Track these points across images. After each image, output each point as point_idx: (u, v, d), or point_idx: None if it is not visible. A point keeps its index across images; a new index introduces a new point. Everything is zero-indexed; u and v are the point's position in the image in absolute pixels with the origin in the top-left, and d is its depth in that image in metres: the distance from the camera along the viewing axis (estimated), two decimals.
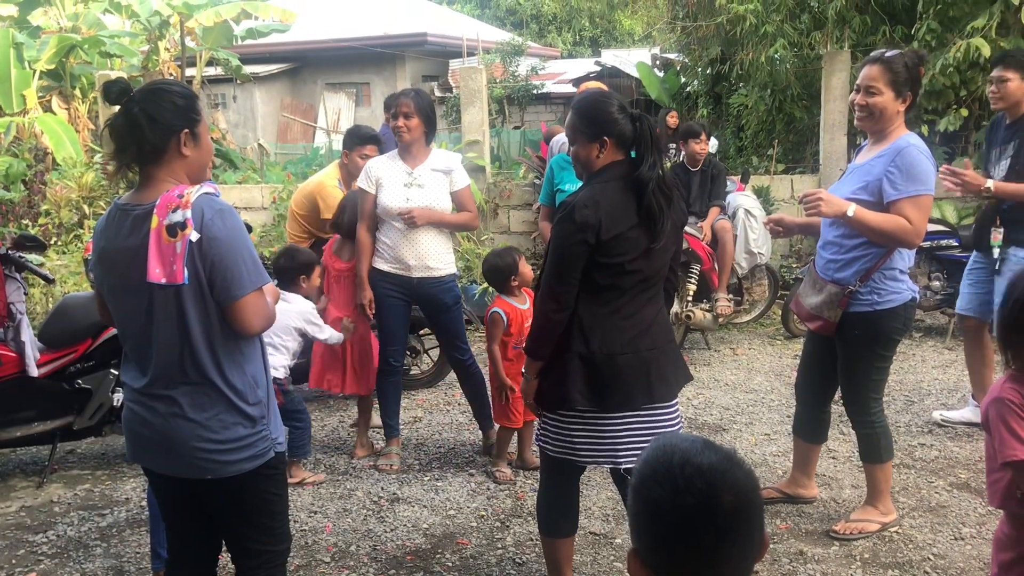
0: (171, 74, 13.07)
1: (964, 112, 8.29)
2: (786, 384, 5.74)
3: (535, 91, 18.92)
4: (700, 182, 6.53)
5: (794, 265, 8.01)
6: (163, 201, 2.33)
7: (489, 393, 4.62)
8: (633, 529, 1.37)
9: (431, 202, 4.43)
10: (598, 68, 18.46)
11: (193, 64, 13.90)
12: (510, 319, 4.37)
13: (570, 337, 2.86)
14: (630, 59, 16.67)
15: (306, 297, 4.40)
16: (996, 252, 4.51)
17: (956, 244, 6.66)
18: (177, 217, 2.30)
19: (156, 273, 2.30)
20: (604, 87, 4.01)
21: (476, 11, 30.72)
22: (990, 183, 4.33)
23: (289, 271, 4.39)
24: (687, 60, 12.94)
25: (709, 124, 12.16)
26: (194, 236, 2.30)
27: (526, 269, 4.43)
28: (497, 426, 4.57)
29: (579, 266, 2.79)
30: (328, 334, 4.41)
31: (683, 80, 13.68)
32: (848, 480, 4.31)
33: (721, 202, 6.56)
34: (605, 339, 2.85)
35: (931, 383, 5.76)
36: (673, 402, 3.00)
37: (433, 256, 4.48)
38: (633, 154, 2.88)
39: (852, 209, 3.37)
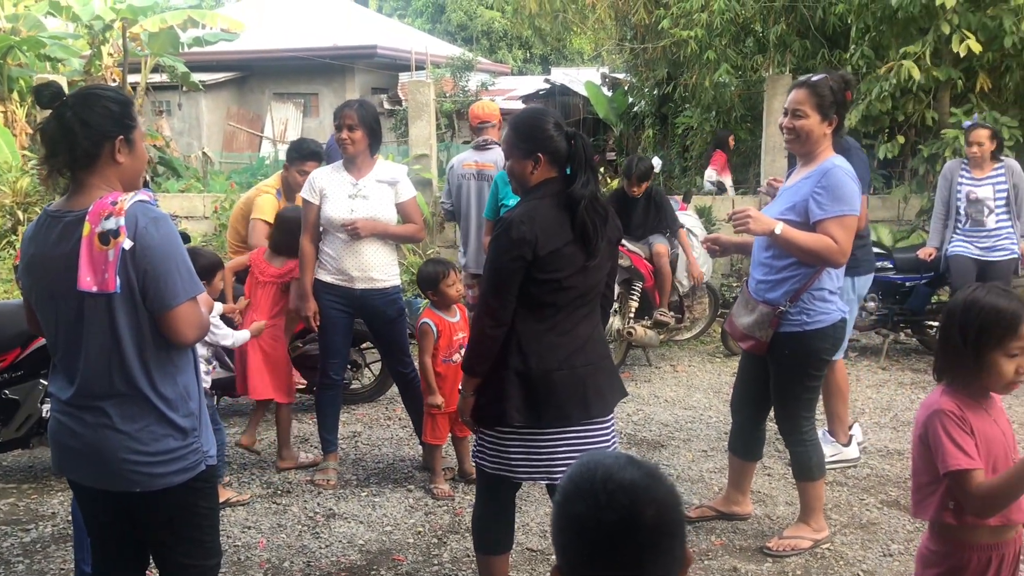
0: (114, 79, 12.86)
1: (901, 139, 8.51)
2: (724, 401, 5.80)
3: None
4: (643, 207, 6.49)
5: (734, 284, 8.14)
6: (96, 208, 2.29)
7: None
8: (556, 546, 1.38)
9: (375, 213, 4.41)
10: (548, 86, 18.58)
11: (138, 70, 13.68)
12: (439, 331, 4.36)
13: (507, 353, 2.87)
14: (579, 78, 16.81)
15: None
16: None
17: (891, 266, 6.83)
18: (110, 224, 2.27)
19: (87, 281, 2.26)
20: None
21: (427, 25, 30.75)
22: (779, 227, 3.87)
23: None
24: (635, 80, 13.09)
25: (655, 144, 12.34)
26: (127, 244, 2.27)
27: (449, 289, 4.36)
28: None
29: (516, 282, 2.81)
30: (232, 339, 4.29)
31: (631, 100, 13.84)
32: (782, 497, 4.37)
33: (677, 228, 6.53)
34: (542, 356, 2.86)
35: (865, 402, 5.87)
36: (608, 417, 3.02)
37: (377, 268, 4.46)
38: (568, 171, 2.91)
39: (779, 227, 3.44)
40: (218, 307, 4.35)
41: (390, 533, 4.04)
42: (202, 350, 4.20)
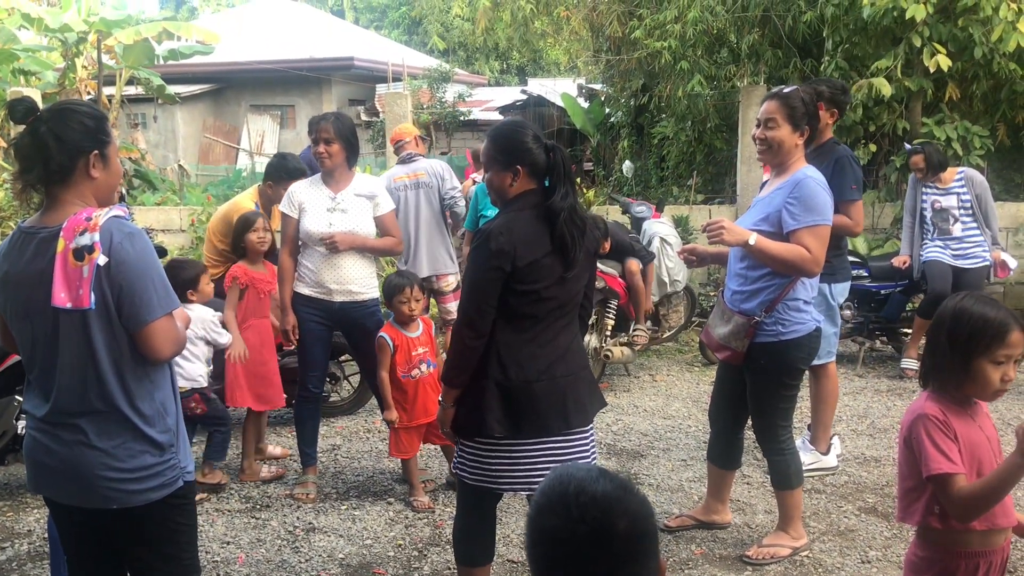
0: (89, 92, 12.76)
1: (872, 148, 8.60)
2: (703, 410, 5.82)
3: (462, 118, 19.01)
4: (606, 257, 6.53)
5: (711, 293, 8.18)
6: (70, 224, 2.28)
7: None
8: (531, 559, 1.39)
9: (354, 227, 4.41)
10: (524, 97, 18.64)
11: (112, 82, 13.59)
12: (396, 346, 4.36)
13: (487, 364, 2.89)
14: (556, 89, 16.86)
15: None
16: None
17: (866, 275, 6.90)
18: (85, 240, 2.26)
19: (61, 297, 2.25)
20: None
21: (403, 37, 30.79)
22: (753, 238, 3.99)
23: (175, 288, 4.42)
24: (611, 91, 13.15)
25: (631, 154, 12.39)
26: (102, 260, 2.26)
27: (401, 305, 4.33)
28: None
29: (495, 293, 2.83)
30: (227, 338, 4.49)
31: (607, 111, 13.90)
32: (761, 505, 4.39)
33: (637, 252, 6.56)
34: (522, 366, 2.88)
35: (842, 409, 5.91)
36: (588, 428, 3.03)
37: (356, 281, 4.46)
38: (547, 183, 2.93)
39: (754, 238, 3.47)
40: (216, 314, 4.51)
41: (370, 546, 4.02)
42: (203, 351, 4.39)
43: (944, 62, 7.45)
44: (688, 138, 10.90)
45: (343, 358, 5.80)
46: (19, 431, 4.36)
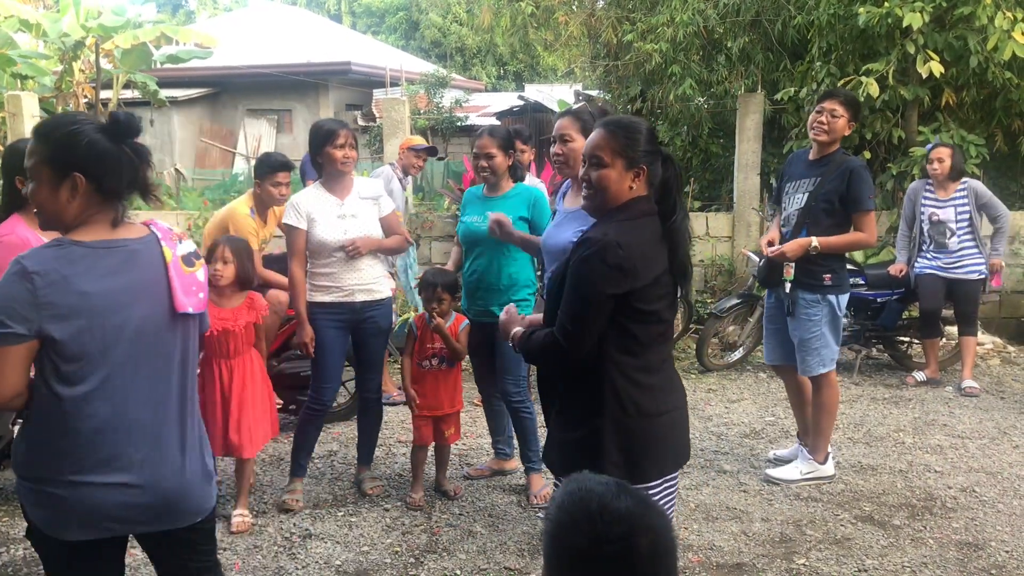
0: (86, 96, 12.75)
1: (867, 155, 8.60)
2: (699, 417, 5.82)
3: (459, 123, 19.05)
4: None
5: (708, 300, 8.18)
6: (163, 234, 2.34)
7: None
8: (549, 573, 1.37)
9: (367, 231, 4.45)
10: (521, 102, 18.67)
11: (109, 86, 13.59)
12: (418, 335, 4.50)
13: (601, 400, 2.56)
14: (553, 95, 16.90)
15: None
16: (788, 287, 4.61)
17: (863, 282, 6.91)
18: (188, 248, 2.37)
19: (183, 303, 2.30)
20: None
21: (400, 42, 30.82)
22: (815, 242, 4.46)
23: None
24: (608, 97, 13.16)
25: None
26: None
27: (428, 303, 4.46)
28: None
29: (605, 313, 2.49)
30: None
31: None
32: (758, 513, 4.39)
33: None
34: (641, 400, 2.57)
35: (839, 417, 5.89)
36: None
37: (376, 281, 4.52)
38: (664, 195, 2.64)
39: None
40: None
41: (367, 553, 4.02)
42: None
43: (937, 68, 7.45)
44: (683, 143, 10.90)
45: None
46: (15, 436, 4.33)
